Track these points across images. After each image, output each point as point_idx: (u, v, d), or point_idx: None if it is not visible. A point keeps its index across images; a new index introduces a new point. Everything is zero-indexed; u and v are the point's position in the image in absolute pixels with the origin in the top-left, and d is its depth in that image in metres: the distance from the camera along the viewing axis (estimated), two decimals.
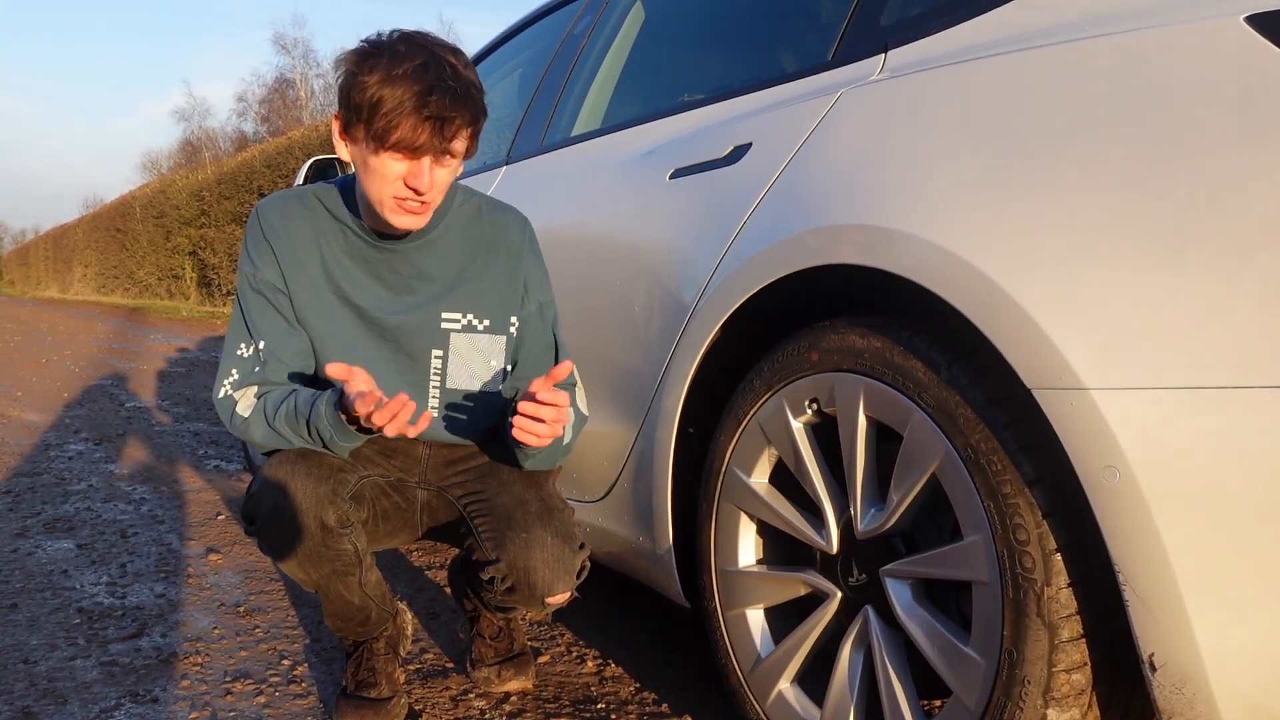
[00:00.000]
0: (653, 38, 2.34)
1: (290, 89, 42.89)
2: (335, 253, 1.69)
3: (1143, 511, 1.04)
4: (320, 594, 1.75)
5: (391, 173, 1.53)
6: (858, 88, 1.52)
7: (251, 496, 1.65)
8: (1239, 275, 1.00)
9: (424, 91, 1.46)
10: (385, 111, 1.47)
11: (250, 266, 1.68)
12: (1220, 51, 1.07)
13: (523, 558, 1.65)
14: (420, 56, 1.49)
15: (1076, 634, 1.16)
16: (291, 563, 1.66)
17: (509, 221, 1.78)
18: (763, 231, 1.54)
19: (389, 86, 1.46)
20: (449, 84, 1.48)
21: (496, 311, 1.74)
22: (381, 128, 1.48)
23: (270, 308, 1.67)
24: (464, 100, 1.50)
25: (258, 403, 1.64)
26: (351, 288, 1.69)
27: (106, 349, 10.21)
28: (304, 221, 1.68)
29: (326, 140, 14.12)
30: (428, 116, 1.47)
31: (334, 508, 1.62)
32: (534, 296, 1.77)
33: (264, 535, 1.65)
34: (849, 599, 1.48)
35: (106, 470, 4.08)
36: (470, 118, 1.53)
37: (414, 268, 1.70)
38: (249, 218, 1.70)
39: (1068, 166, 1.14)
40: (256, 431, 1.64)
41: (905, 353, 1.32)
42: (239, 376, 1.66)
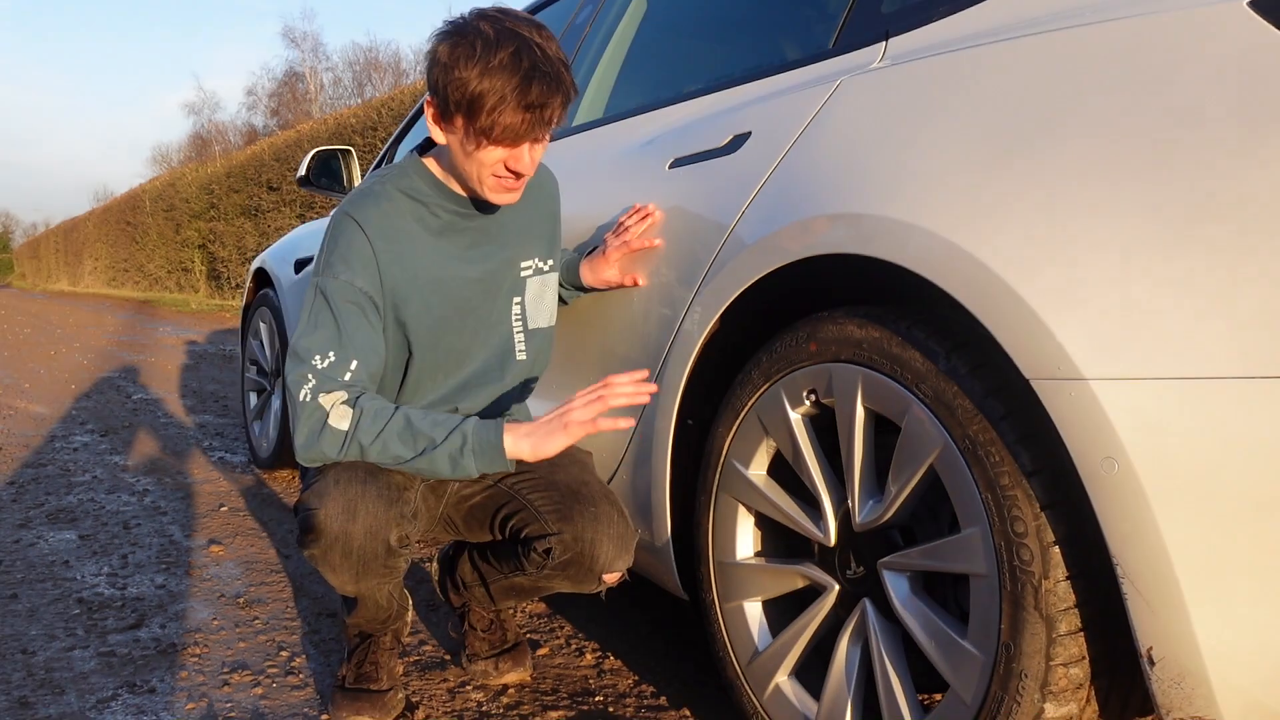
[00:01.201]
0: (654, 27, 2.32)
1: (300, 82, 42.93)
2: (437, 232, 1.71)
3: (1142, 504, 1.02)
4: (359, 600, 1.75)
5: (492, 159, 1.57)
6: (857, 76, 1.50)
7: (313, 512, 1.57)
8: (1240, 265, 0.99)
9: (523, 82, 1.49)
10: (488, 108, 1.49)
11: (348, 274, 1.62)
12: (1223, 37, 1.05)
13: (590, 530, 1.66)
14: (511, 43, 1.50)
15: (1074, 627, 1.14)
16: (346, 577, 1.63)
17: (544, 169, 1.91)
18: (762, 221, 1.53)
19: (487, 80, 1.48)
20: (544, 69, 1.51)
21: (553, 251, 1.87)
22: (485, 124, 1.51)
23: (363, 318, 1.63)
24: (558, 83, 1.53)
25: (355, 411, 1.57)
26: (452, 263, 1.72)
27: (115, 341, 10.24)
28: (402, 214, 1.68)
29: (335, 133, 14.13)
30: (528, 106, 1.50)
31: (399, 528, 1.61)
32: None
33: (329, 554, 1.59)
34: (847, 592, 1.47)
35: (111, 462, 4.08)
36: (564, 99, 1.56)
37: (504, 227, 1.79)
38: (340, 223, 1.65)
39: (1068, 155, 1.13)
40: (352, 448, 1.57)
41: (903, 343, 1.30)
42: (318, 382, 1.59)
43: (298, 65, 43.30)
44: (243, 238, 17.44)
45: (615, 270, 1.84)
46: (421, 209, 1.69)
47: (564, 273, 1.93)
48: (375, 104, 14.00)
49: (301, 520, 1.60)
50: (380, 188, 1.69)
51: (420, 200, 1.69)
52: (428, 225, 1.70)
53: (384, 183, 1.70)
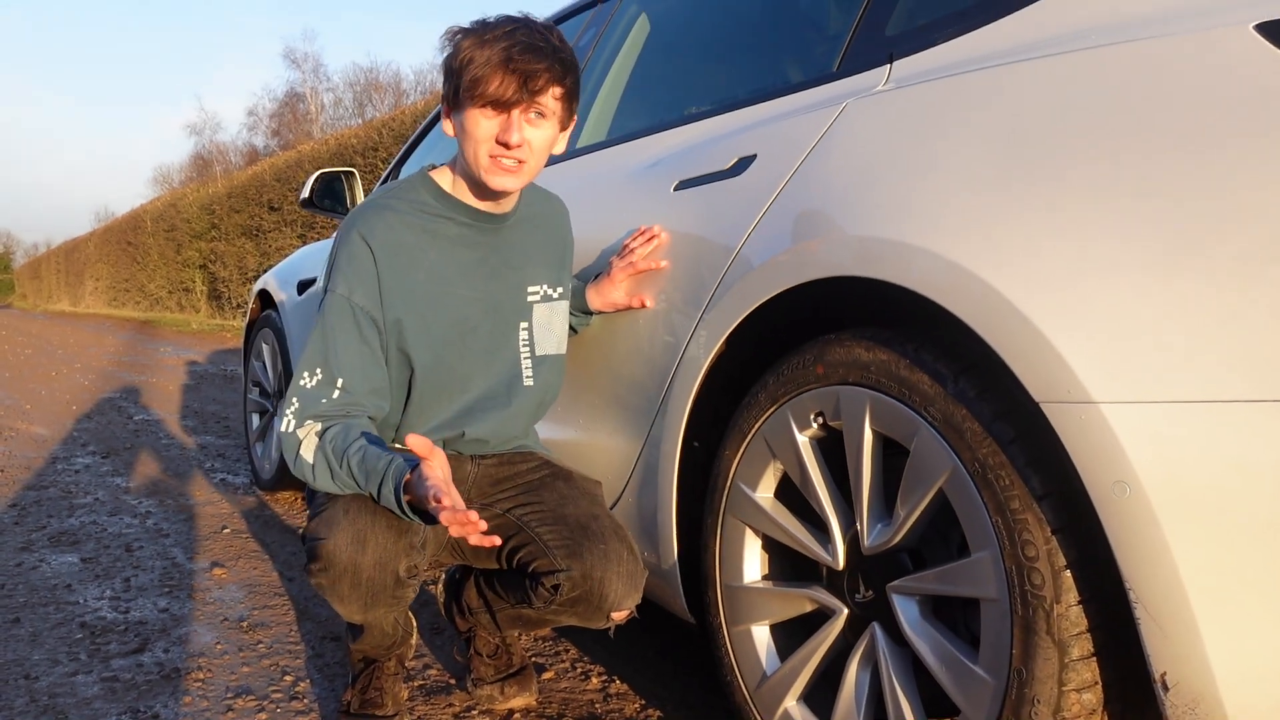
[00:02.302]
0: (658, 50, 2.33)
1: (300, 103, 43.10)
2: (444, 247, 1.71)
3: (1153, 527, 1.02)
4: (365, 628, 1.74)
5: (484, 130, 1.60)
6: (863, 98, 1.50)
7: (323, 542, 1.56)
8: (1249, 286, 0.99)
9: (510, 46, 1.55)
10: (474, 68, 1.56)
11: (346, 287, 1.64)
12: (1229, 59, 1.05)
13: (600, 568, 1.64)
14: (512, 24, 1.59)
15: (1087, 652, 1.14)
16: (354, 607, 1.62)
17: (552, 195, 1.93)
18: (767, 243, 1.53)
19: (480, 49, 1.56)
20: (536, 42, 1.57)
21: (562, 277, 1.87)
22: (469, 81, 1.57)
23: (359, 337, 1.64)
24: (549, 54, 1.58)
25: (319, 446, 1.57)
26: (454, 279, 1.72)
27: (116, 362, 10.23)
28: (409, 228, 1.69)
29: (336, 153, 14.17)
30: (514, 70, 1.55)
31: (408, 559, 1.60)
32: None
33: (337, 584, 1.58)
34: (855, 615, 1.46)
35: (113, 484, 4.08)
36: (557, 73, 1.59)
37: (512, 247, 1.79)
38: (346, 235, 1.66)
39: (1075, 177, 1.13)
40: (323, 481, 1.58)
41: (911, 366, 1.30)
42: (300, 406, 1.61)
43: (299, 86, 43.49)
44: (244, 258, 17.46)
45: (621, 292, 1.84)
46: (428, 221, 1.70)
47: (572, 298, 1.92)
48: (376, 124, 14.05)
49: (310, 549, 1.59)
50: (386, 200, 1.70)
51: (427, 212, 1.70)
52: (434, 238, 1.70)
53: (390, 195, 1.71)
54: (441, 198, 1.71)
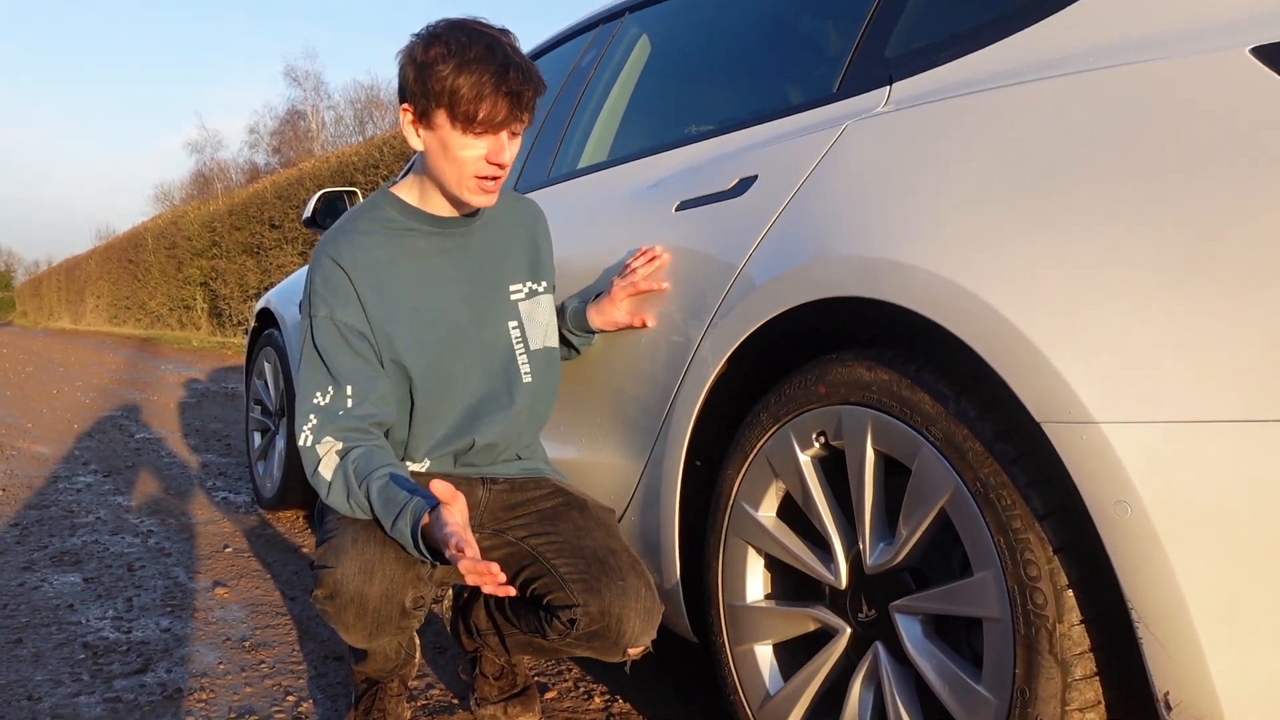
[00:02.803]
0: (658, 71, 2.34)
1: (301, 120, 43.23)
2: (417, 258, 1.73)
3: (1155, 547, 1.02)
4: (368, 652, 1.74)
5: (472, 152, 1.61)
6: (863, 120, 1.52)
7: (330, 571, 1.56)
8: (1248, 307, 0.99)
9: (499, 71, 1.57)
10: (469, 96, 1.56)
11: (326, 309, 1.66)
12: (1226, 83, 1.07)
13: (618, 605, 1.61)
14: (482, 40, 1.59)
15: (1090, 672, 1.14)
16: (358, 635, 1.62)
17: (523, 197, 1.96)
18: (769, 264, 1.54)
19: (464, 73, 1.56)
20: (516, 60, 1.59)
21: (544, 273, 1.90)
22: (468, 110, 1.57)
23: (351, 351, 1.66)
24: (530, 73, 1.61)
25: (340, 465, 1.59)
26: (434, 286, 1.74)
27: (117, 380, 10.24)
28: (379, 245, 1.71)
29: (337, 171, 14.21)
30: (506, 93, 1.57)
31: (415, 590, 1.61)
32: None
33: (343, 613, 1.58)
34: (859, 635, 1.46)
35: (115, 503, 4.08)
36: (537, 88, 1.63)
37: (485, 248, 1.81)
38: (317, 262, 1.69)
39: (1074, 198, 1.14)
40: (336, 499, 1.60)
41: (913, 385, 1.31)
42: (318, 422, 1.62)
43: (300, 104, 43.62)
44: (244, 275, 17.49)
45: (622, 311, 1.85)
46: (396, 235, 1.72)
47: (572, 319, 1.93)
48: (377, 142, 14.10)
49: (317, 576, 1.59)
50: (351, 223, 1.72)
51: (394, 228, 1.72)
52: (405, 251, 1.72)
53: (355, 218, 1.74)
54: (406, 211, 1.74)
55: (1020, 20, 1.40)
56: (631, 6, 2.42)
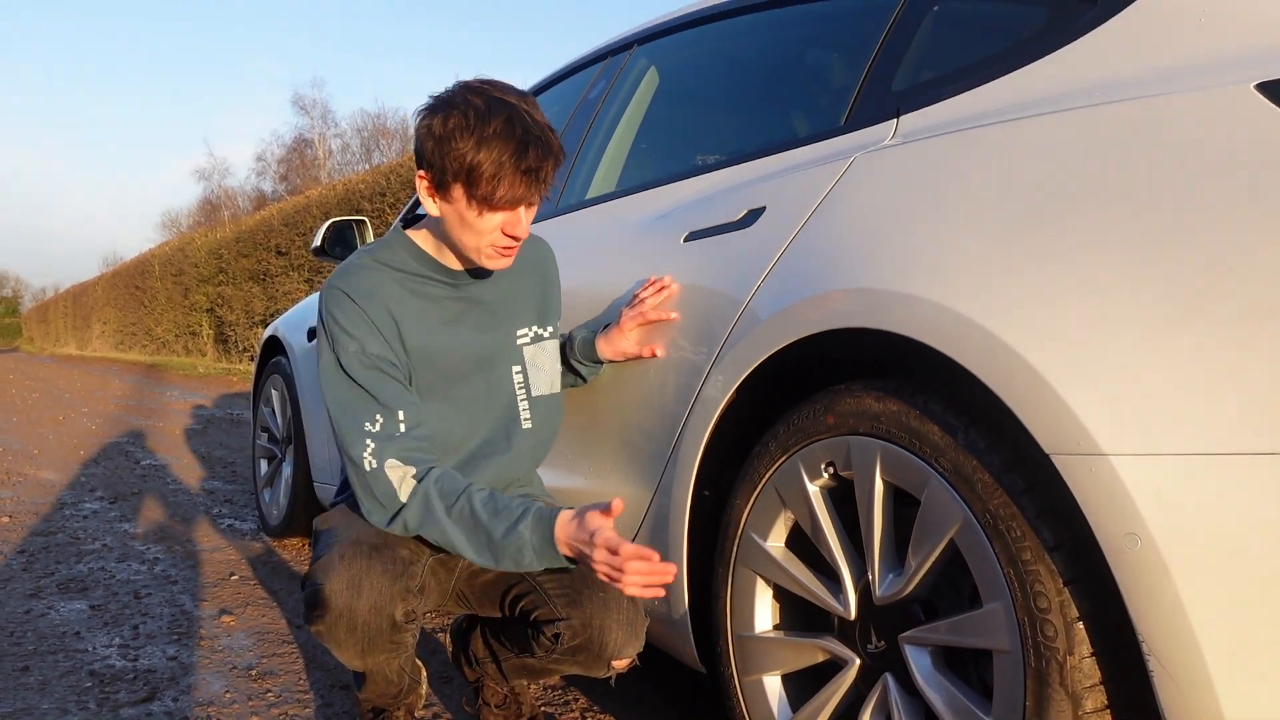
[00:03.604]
0: (666, 102, 2.36)
1: (308, 148, 43.48)
2: (424, 304, 1.72)
3: (1165, 580, 1.02)
4: (368, 675, 1.74)
5: (489, 225, 1.60)
6: (870, 152, 1.53)
7: (319, 588, 1.58)
8: (1256, 339, 1.00)
9: (519, 149, 1.54)
10: (487, 175, 1.54)
11: (355, 344, 1.64)
12: (1231, 118, 1.08)
13: (600, 616, 1.64)
14: (502, 111, 1.55)
15: (1100, 705, 1.14)
16: (352, 653, 1.63)
17: (534, 236, 1.93)
18: (777, 295, 1.55)
19: (484, 149, 1.53)
20: (536, 134, 1.56)
21: (550, 318, 1.88)
22: (486, 191, 1.55)
23: (391, 379, 1.65)
24: (550, 147, 1.58)
25: (420, 486, 1.58)
26: (445, 332, 1.73)
27: (123, 406, 10.26)
28: (388, 286, 1.69)
29: (344, 198, 14.28)
30: (525, 170, 1.55)
31: (404, 603, 1.61)
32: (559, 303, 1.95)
33: (334, 630, 1.59)
34: (868, 666, 1.46)
35: (121, 529, 4.08)
36: (556, 161, 1.60)
37: (495, 295, 1.80)
38: (329, 298, 1.66)
39: (1082, 231, 1.15)
40: (408, 518, 1.59)
41: (921, 416, 1.31)
42: (377, 446, 1.60)
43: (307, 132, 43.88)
44: (251, 302, 17.55)
45: (631, 341, 1.86)
46: (409, 280, 1.70)
47: (580, 348, 1.94)
48: (383, 170, 14.18)
49: (307, 595, 1.60)
50: (363, 260, 1.71)
51: (406, 272, 1.71)
52: (416, 296, 1.71)
53: (369, 255, 1.72)
54: (421, 258, 1.72)
55: (1026, 55, 1.42)
56: (640, 38, 2.44)
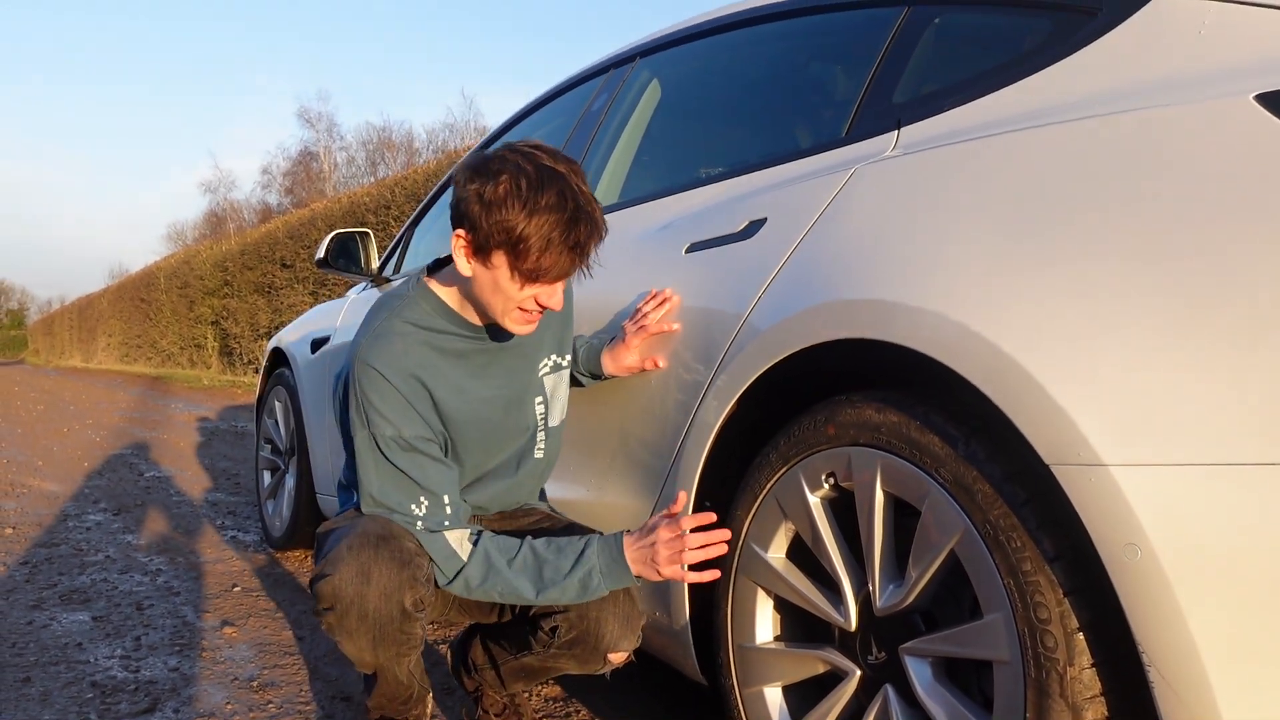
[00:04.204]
0: (669, 114, 2.37)
1: (314, 161, 43.60)
2: (453, 362, 1.72)
3: (1165, 590, 1.02)
4: (378, 675, 1.74)
5: (525, 295, 1.59)
6: (871, 164, 1.53)
7: (328, 579, 1.59)
8: (1257, 349, 1.00)
9: (569, 223, 1.53)
10: (536, 248, 1.53)
11: (391, 429, 1.64)
12: (1230, 129, 1.08)
13: (596, 609, 1.67)
14: (554, 184, 1.53)
15: (1101, 716, 1.13)
16: (363, 643, 1.63)
17: None
18: (778, 305, 1.55)
19: (534, 221, 1.52)
20: (586, 210, 1.55)
21: (567, 347, 1.90)
22: (532, 266, 1.54)
23: (431, 460, 1.67)
24: (597, 223, 1.57)
25: (479, 546, 1.66)
26: (476, 387, 1.74)
27: (128, 418, 10.27)
28: (417, 352, 1.68)
29: (349, 211, 14.32)
30: (573, 246, 1.54)
31: (412, 591, 1.61)
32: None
33: (344, 619, 1.59)
34: (868, 677, 1.46)
35: (124, 541, 4.08)
36: (601, 237, 1.59)
37: (520, 340, 1.78)
38: (362, 375, 1.65)
39: (1082, 242, 1.15)
40: (476, 576, 1.65)
41: (922, 428, 1.31)
42: (425, 525, 1.65)
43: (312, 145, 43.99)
44: (256, 314, 17.58)
45: (636, 356, 1.86)
46: (435, 338, 1.70)
47: (585, 361, 1.95)
48: (388, 183, 14.22)
49: (317, 589, 1.61)
50: (391, 325, 1.69)
51: (432, 329, 1.70)
52: (444, 355, 1.71)
53: (394, 318, 1.70)
54: (446, 314, 1.71)
55: (1027, 67, 1.43)
56: (643, 51, 2.45)
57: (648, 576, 1.62)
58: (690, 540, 1.57)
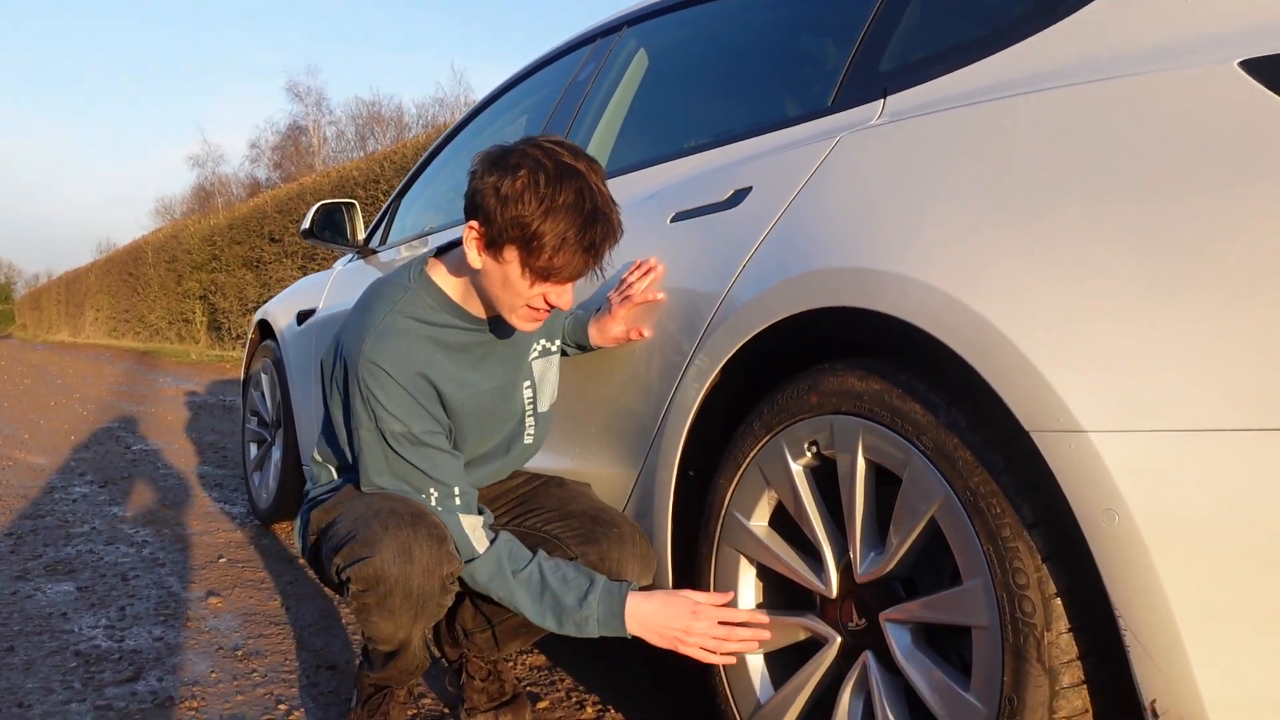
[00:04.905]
0: (655, 84, 2.36)
1: (303, 135, 43.34)
2: (454, 355, 1.71)
3: (1142, 555, 1.03)
4: (401, 651, 1.73)
5: (535, 292, 1.58)
6: (856, 132, 1.53)
7: (366, 561, 1.56)
8: (1237, 317, 1.00)
9: (586, 222, 1.51)
10: (549, 246, 1.51)
11: (400, 425, 1.64)
12: (1215, 96, 1.08)
13: (617, 550, 1.72)
14: (573, 181, 1.51)
15: (1077, 680, 1.14)
16: (404, 621, 1.62)
17: None
18: (762, 274, 1.54)
19: (550, 219, 1.50)
20: (603, 211, 1.53)
21: (556, 333, 1.91)
22: (545, 264, 1.53)
23: (437, 451, 1.67)
24: (612, 224, 1.56)
25: (495, 547, 1.66)
26: (476, 379, 1.74)
27: (115, 392, 10.24)
28: (420, 349, 1.67)
29: (338, 185, 14.24)
30: (587, 247, 1.53)
31: (450, 564, 1.61)
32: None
33: (388, 599, 1.58)
34: (848, 644, 1.46)
35: (110, 513, 4.07)
36: (616, 239, 1.58)
37: (512, 333, 1.78)
38: (367, 373, 1.64)
39: (1065, 210, 1.15)
40: (483, 574, 1.66)
41: (903, 395, 1.31)
42: (443, 508, 1.66)
43: (301, 119, 43.75)
44: (244, 289, 17.50)
45: (621, 326, 1.86)
46: (437, 332, 1.69)
47: (571, 333, 1.94)
48: (378, 157, 14.14)
49: (354, 571, 1.58)
50: (394, 321, 1.67)
51: (435, 324, 1.69)
52: (445, 349, 1.70)
53: (396, 313, 1.68)
54: (449, 307, 1.71)
55: (1013, 34, 1.42)
56: (629, 20, 2.44)
57: (656, 643, 1.62)
58: (735, 633, 1.57)
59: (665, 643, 1.61)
